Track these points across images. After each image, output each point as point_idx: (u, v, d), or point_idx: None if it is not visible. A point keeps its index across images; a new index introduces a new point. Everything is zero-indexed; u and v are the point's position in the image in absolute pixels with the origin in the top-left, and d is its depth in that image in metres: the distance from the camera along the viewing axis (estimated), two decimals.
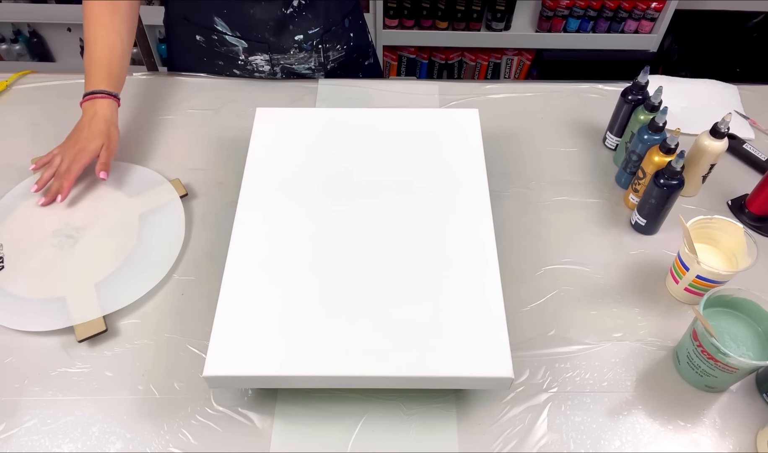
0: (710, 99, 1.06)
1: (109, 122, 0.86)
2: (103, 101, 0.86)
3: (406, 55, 2.18)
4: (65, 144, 0.86)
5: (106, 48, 0.88)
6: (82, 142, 0.84)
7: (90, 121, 0.85)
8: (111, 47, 0.88)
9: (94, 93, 0.86)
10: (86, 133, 0.84)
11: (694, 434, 0.68)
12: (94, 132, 0.84)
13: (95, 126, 0.85)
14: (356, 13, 1.10)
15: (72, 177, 0.83)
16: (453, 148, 0.83)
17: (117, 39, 0.89)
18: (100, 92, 0.86)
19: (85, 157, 0.83)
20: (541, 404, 0.69)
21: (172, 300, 0.78)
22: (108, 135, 0.85)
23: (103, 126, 0.85)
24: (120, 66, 0.90)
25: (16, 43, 2.17)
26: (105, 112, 0.86)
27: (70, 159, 0.83)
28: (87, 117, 0.86)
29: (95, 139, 0.84)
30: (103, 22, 0.88)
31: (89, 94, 0.86)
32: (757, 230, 0.86)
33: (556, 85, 1.08)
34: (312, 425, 0.67)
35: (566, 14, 1.96)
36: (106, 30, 0.88)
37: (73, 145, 0.84)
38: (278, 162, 0.81)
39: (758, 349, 0.68)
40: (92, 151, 0.84)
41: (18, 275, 0.77)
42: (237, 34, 1.00)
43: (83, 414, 0.68)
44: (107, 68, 0.88)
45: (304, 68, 1.07)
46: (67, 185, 0.83)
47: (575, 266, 0.82)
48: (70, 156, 0.83)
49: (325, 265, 0.70)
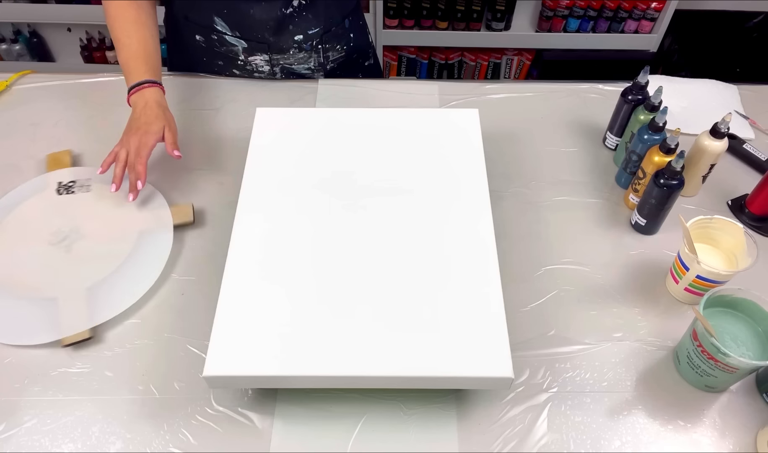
0: (710, 99, 1.06)
1: (161, 106, 0.86)
2: (151, 89, 0.86)
3: (406, 55, 2.18)
4: (125, 137, 0.84)
5: (141, 42, 0.88)
6: (143, 128, 0.83)
7: (144, 109, 0.85)
8: (145, 41, 0.89)
9: (139, 84, 0.86)
10: (144, 119, 0.84)
11: (694, 434, 0.68)
12: (151, 116, 0.84)
13: (150, 111, 0.84)
14: (356, 14, 1.10)
15: (143, 160, 0.82)
16: (453, 148, 0.83)
17: (148, 34, 0.89)
18: (145, 82, 0.86)
19: (150, 139, 0.83)
20: (541, 404, 0.69)
21: (172, 300, 0.78)
22: (165, 117, 0.85)
23: (158, 110, 0.85)
24: (156, 58, 0.90)
25: (16, 43, 2.17)
26: (156, 98, 0.86)
27: (136, 146, 0.82)
28: (139, 107, 0.85)
29: (155, 122, 0.84)
30: (132, 19, 0.89)
31: (134, 87, 0.86)
32: (757, 230, 0.86)
33: (556, 85, 1.08)
34: (312, 425, 0.67)
35: (566, 14, 1.96)
36: (136, 25, 0.89)
37: (135, 134, 0.83)
38: (278, 162, 0.81)
39: (758, 349, 0.68)
40: (155, 133, 0.83)
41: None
42: (237, 34, 1.00)
43: (83, 414, 0.68)
44: (145, 60, 0.88)
45: (304, 68, 1.07)
46: (142, 170, 0.82)
47: (575, 266, 0.82)
48: (134, 143, 0.82)
49: (325, 265, 0.70)
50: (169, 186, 0.90)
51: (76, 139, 0.96)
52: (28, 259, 0.79)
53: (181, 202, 0.87)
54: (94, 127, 0.98)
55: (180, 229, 0.85)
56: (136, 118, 0.85)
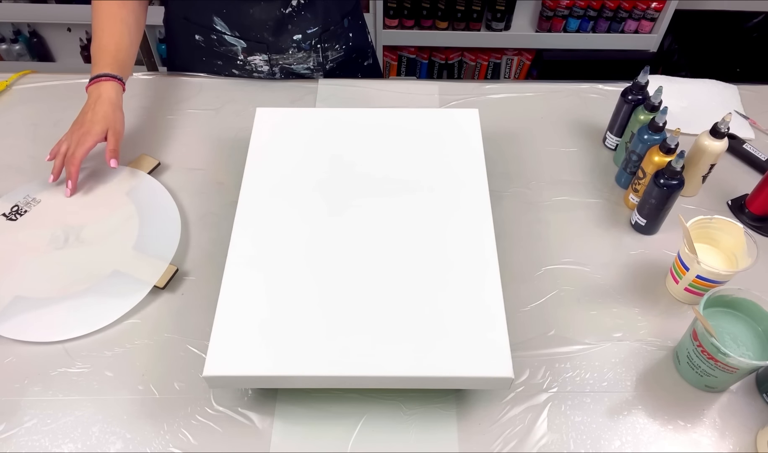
0: (710, 99, 1.06)
1: (113, 104, 0.86)
2: (108, 84, 0.86)
3: (406, 55, 2.18)
4: (71, 129, 0.85)
5: (113, 36, 0.89)
6: (87, 126, 0.83)
7: (94, 104, 0.85)
8: (118, 35, 0.89)
9: (98, 77, 0.86)
10: (90, 116, 0.84)
11: (694, 434, 0.68)
12: (98, 115, 0.84)
13: (99, 108, 0.84)
14: (356, 13, 1.10)
15: (77, 162, 0.83)
16: (453, 148, 0.83)
17: (124, 28, 0.90)
18: (105, 75, 0.86)
19: (89, 140, 0.83)
20: (541, 404, 0.69)
21: (172, 300, 0.78)
22: (113, 117, 0.85)
23: (108, 108, 0.85)
24: (127, 54, 0.90)
25: (16, 43, 2.17)
26: (109, 94, 0.86)
27: (75, 144, 0.83)
28: (91, 100, 0.85)
29: (99, 122, 0.84)
30: (110, 14, 0.89)
31: (93, 79, 0.86)
32: (757, 230, 0.86)
33: (556, 85, 1.08)
34: (312, 425, 0.67)
35: (566, 14, 1.96)
36: (113, 19, 0.89)
37: (78, 130, 0.84)
38: (278, 162, 0.81)
39: (758, 349, 0.68)
40: (96, 134, 0.83)
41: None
42: (236, 33, 1.00)
43: (83, 414, 0.68)
44: (113, 54, 0.88)
45: (303, 68, 1.07)
46: (74, 170, 0.83)
47: (575, 266, 0.82)
48: (75, 141, 0.83)
49: (325, 265, 0.70)
50: (168, 186, 0.90)
51: None
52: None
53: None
54: None
55: (179, 228, 0.85)
56: (84, 112, 0.85)
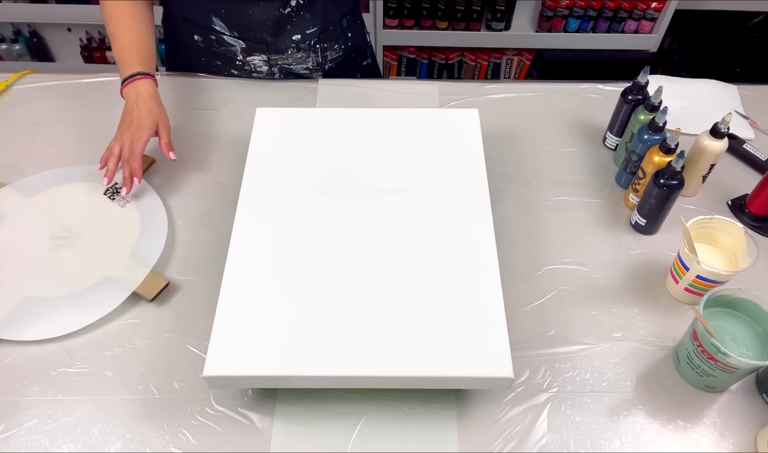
0: (710, 99, 1.06)
1: (155, 99, 0.87)
2: (143, 81, 0.87)
3: (406, 55, 2.18)
4: (119, 131, 0.85)
5: (135, 36, 0.90)
6: (136, 122, 0.84)
7: (137, 102, 0.85)
8: (138, 35, 0.90)
9: (132, 76, 0.87)
10: (137, 113, 0.84)
11: (694, 434, 0.68)
12: (144, 110, 0.85)
13: (143, 105, 0.85)
14: (354, 14, 1.10)
15: (138, 157, 0.83)
16: (453, 148, 0.83)
17: (142, 27, 0.91)
18: (138, 74, 0.87)
19: (143, 134, 0.83)
20: (541, 404, 0.69)
21: (172, 300, 0.78)
22: (159, 111, 0.86)
23: (151, 103, 0.86)
24: (150, 51, 0.91)
25: (16, 43, 2.17)
26: (148, 90, 0.86)
27: (129, 141, 0.83)
28: (131, 99, 0.86)
29: (148, 117, 0.84)
30: (126, 14, 0.90)
31: (127, 79, 0.87)
32: (757, 230, 0.86)
33: (556, 85, 1.08)
34: (312, 425, 0.67)
35: (566, 14, 1.96)
36: (130, 19, 0.90)
37: (128, 128, 0.84)
38: (278, 162, 0.81)
39: (758, 349, 0.68)
40: (148, 128, 0.84)
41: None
42: (235, 34, 1.00)
43: (83, 414, 0.68)
44: (139, 53, 0.89)
45: (302, 68, 1.07)
46: (137, 166, 0.83)
47: (575, 266, 0.82)
48: (128, 139, 0.83)
49: (325, 265, 0.70)
50: (169, 186, 0.90)
51: (76, 139, 0.96)
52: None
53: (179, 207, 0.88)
54: (94, 127, 0.98)
55: (179, 229, 0.85)
56: (128, 111, 0.85)
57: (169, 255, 0.82)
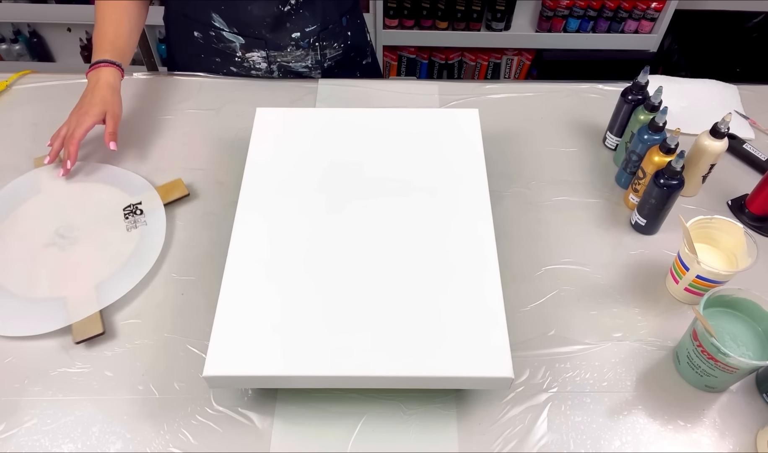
0: (710, 99, 1.06)
1: (111, 88, 0.89)
2: (106, 69, 0.89)
3: (406, 55, 2.18)
4: (70, 114, 0.88)
5: (113, 24, 0.92)
6: (85, 107, 0.86)
7: (93, 88, 0.88)
8: (117, 23, 0.92)
9: (98, 63, 0.90)
10: (89, 99, 0.87)
11: (694, 434, 0.68)
12: (96, 98, 0.87)
13: (97, 92, 0.87)
14: (354, 12, 1.10)
15: (76, 141, 0.85)
16: (453, 148, 0.83)
17: (124, 17, 0.93)
18: (104, 62, 0.90)
19: (87, 120, 0.85)
20: (541, 404, 0.69)
21: (172, 300, 0.78)
22: (111, 101, 0.88)
23: (106, 92, 0.88)
24: (126, 42, 0.93)
25: (16, 43, 2.17)
26: (107, 78, 0.89)
27: (74, 125, 0.85)
28: (90, 85, 0.88)
29: (97, 104, 0.87)
30: (113, 5, 0.92)
31: (93, 65, 0.90)
32: (757, 230, 0.86)
33: (556, 85, 1.08)
34: (312, 425, 0.67)
35: (566, 14, 1.96)
36: (115, 9, 0.92)
37: (77, 112, 0.87)
38: (278, 162, 0.81)
39: (758, 349, 0.68)
40: (94, 115, 0.86)
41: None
42: (234, 30, 1.01)
43: (83, 414, 0.68)
44: (112, 41, 0.91)
45: (301, 66, 1.07)
46: (73, 150, 0.85)
47: (575, 266, 0.82)
48: (73, 123, 0.86)
49: (325, 265, 0.70)
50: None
51: None
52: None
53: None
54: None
55: (179, 229, 0.85)
56: (84, 96, 0.88)
57: (169, 255, 0.82)
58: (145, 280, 0.78)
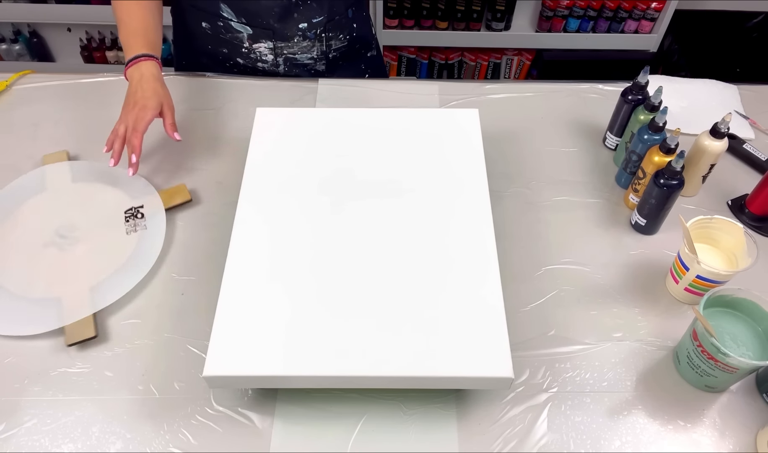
0: (710, 99, 1.06)
1: (158, 80, 0.87)
2: (147, 62, 0.87)
3: (406, 55, 2.18)
4: (123, 112, 0.85)
5: (141, 20, 0.91)
6: (141, 102, 0.84)
7: (140, 83, 0.86)
8: (144, 19, 0.91)
9: (135, 58, 0.87)
10: (141, 94, 0.85)
11: (694, 434, 0.68)
12: (148, 91, 0.85)
13: (147, 85, 0.85)
14: (360, 5, 1.11)
15: (140, 134, 0.83)
16: (453, 148, 0.83)
17: (148, 13, 0.92)
18: (142, 56, 0.88)
19: (147, 114, 0.84)
20: (541, 404, 0.69)
21: (172, 300, 0.78)
22: (163, 92, 0.87)
23: (155, 84, 0.86)
24: (155, 34, 0.92)
25: (16, 43, 2.17)
26: (152, 71, 0.87)
27: (133, 120, 0.83)
28: (135, 80, 0.86)
29: (152, 97, 0.85)
30: (131, 1, 0.91)
31: (131, 61, 0.87)
32: (757, 230, 0.86)
33: (556, 85, 1.08)
34: (312, 425, 0.67)
35: (566, 14, 1.96)
36: (137, 6, 0.91)
37: (132, 109, 0.84)
38: (278, 162, 0.81)
39: (758, 349, 0.68)
40: (153, 109, 0.84)
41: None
42: (242, 20, 1.01)
43: (83, 414, 0.68)
44: (144, 36, 0.90)
45: (307, 57, 1.07)
46: (137, 143, 0.83)
47: (575, 266, 0.82)
48: (132, 119, 0.83)
49: (325, 265, 0.70)
50: (169, 185, 0.90)
51: (76, 139, 0.96)
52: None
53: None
54: (93, 127, 0.98)
55: (179, 229, 0.85)
56: (132, 92, 0.86)
57: (169, 255, 0.82)
58: (145, 280, 0.78)
